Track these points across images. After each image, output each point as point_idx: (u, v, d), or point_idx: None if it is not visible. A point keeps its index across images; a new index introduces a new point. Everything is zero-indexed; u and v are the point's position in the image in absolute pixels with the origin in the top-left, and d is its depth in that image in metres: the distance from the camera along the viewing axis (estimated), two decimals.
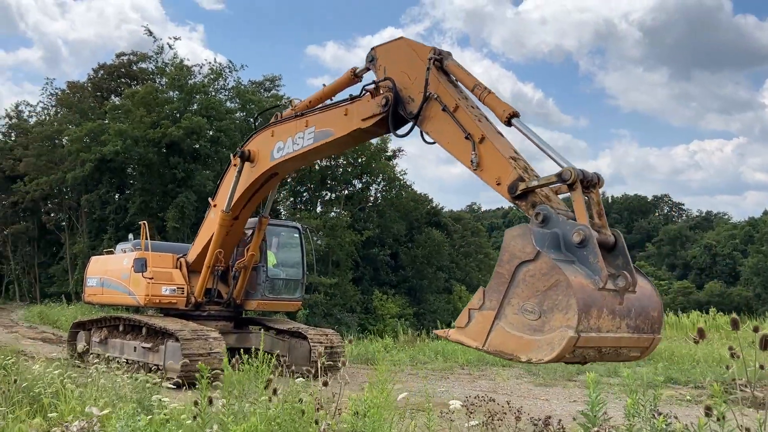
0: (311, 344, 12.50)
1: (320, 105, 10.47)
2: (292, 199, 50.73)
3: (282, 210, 48.56)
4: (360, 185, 52.02)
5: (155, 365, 11.51)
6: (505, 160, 6.67)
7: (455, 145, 7.38)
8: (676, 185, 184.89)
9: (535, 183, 6.21)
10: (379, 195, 52.50)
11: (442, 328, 19.67)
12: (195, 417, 3.89)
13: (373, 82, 8.66)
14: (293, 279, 14.51)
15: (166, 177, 39.13)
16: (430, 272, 50.12)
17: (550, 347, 4.68)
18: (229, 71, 44.08)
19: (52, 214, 46.79)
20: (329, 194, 52.31)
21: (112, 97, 46.59)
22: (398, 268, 49.87)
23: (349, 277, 44.74)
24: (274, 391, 3.99)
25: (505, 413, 4.87)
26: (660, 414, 4.22)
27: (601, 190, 6.10)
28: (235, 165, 12.00)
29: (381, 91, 8.48)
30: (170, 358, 11.34)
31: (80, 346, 13.64)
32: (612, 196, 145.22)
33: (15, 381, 7.63)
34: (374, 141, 50.19)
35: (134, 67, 46.33)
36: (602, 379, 13.01)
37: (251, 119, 43.49)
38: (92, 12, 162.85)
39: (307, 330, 13.22)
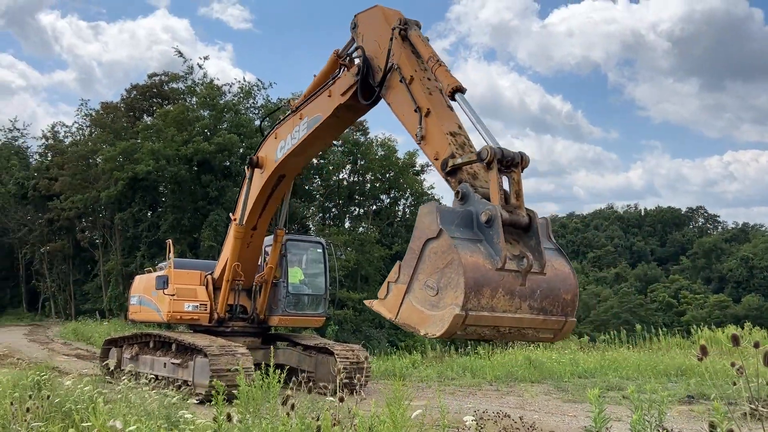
0: (337, 360, 12.53)
1: (311, 95, 10.46)
2: (321, 215, 51.05)
3: (311, 226, 48.90)
4: (388, 200, 52.18)
5: (184, 381, 11.65)
6: (443, 135, 6.64)
7: (406, 117, 7.37)
8: (711, 197, 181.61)
9: (460, 161, 6.21)
10: (407, 210, 52.56)
11: (470, 345, 19.22)
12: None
13: (347, 53, 8.62)
14: (315, 294, 14.58)
15: (197, 194, 39.73)
16: None
17: (441, 323, 4.81)
18: (258, 89, 44.82)
19: (87, 232, 47.74)
20: (357, 209, 52.57)
21: (145, 116, 47.59)
22: None
23: (377, 292, 44.76)
24: (292, 407, 4.04)
25: (518, 429, 4.83)
26: (665, 429, 4.16)
27: (635, 204, 6.01)
28: (246, 175, 12.31)
29: (355, 62, 8.47)
30: (198, 374, 11.47)
31: (112, 362, 13.89)
32: (645, 209, 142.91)
33: (48, 397, 7.79)
34: (401, 155, 50.47)
35: (166, 87, 47.29)
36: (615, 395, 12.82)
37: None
38: (124, 34, 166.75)
39: (333, 346, 13.27)
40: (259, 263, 13.80)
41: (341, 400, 4.05)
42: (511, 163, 5.66)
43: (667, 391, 11.68)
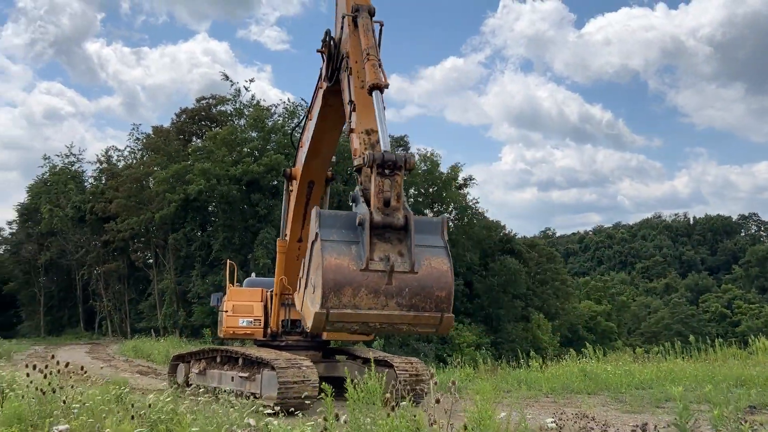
0: (397, 372, 12.84)
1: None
2: None
3: None
4: (431, 214, 52.43)
5: (251, 393, 12.12)
6: (359, 133, 6.83)
7: (345, 108, 7.47)
8: (761, 203, 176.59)
9: (355, 163, 6.50)
10: (451, 224, 52.71)
11: (522, 358, 19.04)
12: (324, 430, 4.34)
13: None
14: None
15: (246, 213, 40.75)
16: (506, 300, 49.67)
17: (309, 319, 5.43)
18: (302, 109, 45.77)
19: (140, 253, 49.26)
20: None
21: (194, 139, 49.07)
22: (473, 296, 49.66)
23: None
24: (393, 408, 4.40)
25: (593, 428, 5.11)
26: (746, 421, 4.38)
27: (683, 212, 6.30)
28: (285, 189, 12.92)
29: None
30: (266, 386, 11.93)
31: (180, 377, 14.51)
32: (694, 217, 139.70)
33: (133, 406, 8.26)
34: (444, 170, 50.76)
35: (213, 110, 48.71)
36: (691, 407, 12.78)
37: None
38: (166, 58, 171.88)
39: (392, 359, 13.57)
40: None
41: (437, 401, 4.40)
42: (393, 167, 5.93)
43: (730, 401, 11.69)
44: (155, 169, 45.09)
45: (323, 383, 6.04)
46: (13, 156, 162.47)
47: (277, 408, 10.34)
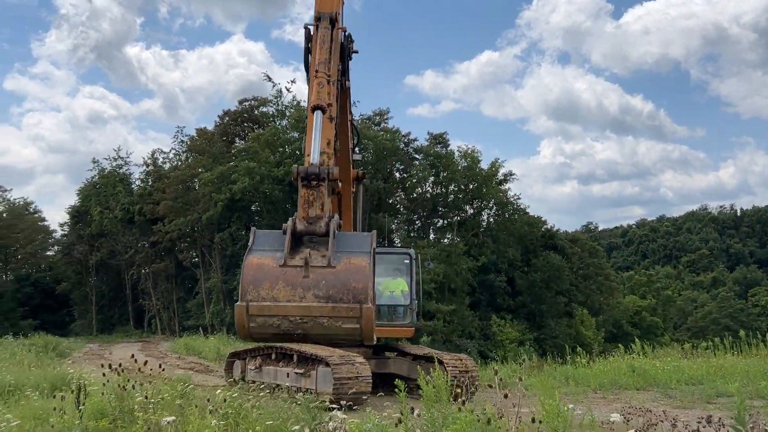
0: (447, 369, 13.08)
1: None
2: (406, 227, 51.83)
3: (396, 239, 49.73)
4: (472, 211, 52.37)
5: (306, 389, 12.52)
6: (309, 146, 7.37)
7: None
8: None
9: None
10: (491, 220, 52.59)
11: (568, 354, 18.93)
12: (397, 423, 4.64)
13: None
14: (400, 305, 15.13)
15: (290, 213, 41.34)
16: (549, 296, 49.45)
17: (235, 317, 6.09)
18: None
19: (187, 252, 50.48)
20: (441, 221, 53.04)
21: (237, 140, 50.06)
22: (515, 293, 49.57)
23: (466, 303, 45.05)
24: (463, 402, 4.69)
25: (661, 420, 5.30)
26: None
27: (730, 204, 6.49)
28: None
29: None
30: (321, 382, 12.32)
31: (236, 373, 15.03)
32: (741, 209, 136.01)
33: (208, 401, 8.69)
34: (484, 166, 50.63)
35: (256, 112, 49.58)
36: (746, 402, 12.73)
37: (366, 155, 45.27)
38: (203, 60, 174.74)
39: (442, 355, 13.83)
40: None
41: (505, 396, 4.67)
42: (317, 179, 6.30)
43: None
44: (200, 170, 46.17)
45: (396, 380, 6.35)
46: (60, 159, 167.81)
47: (334, 404, 10.72)
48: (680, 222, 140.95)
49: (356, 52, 13.85)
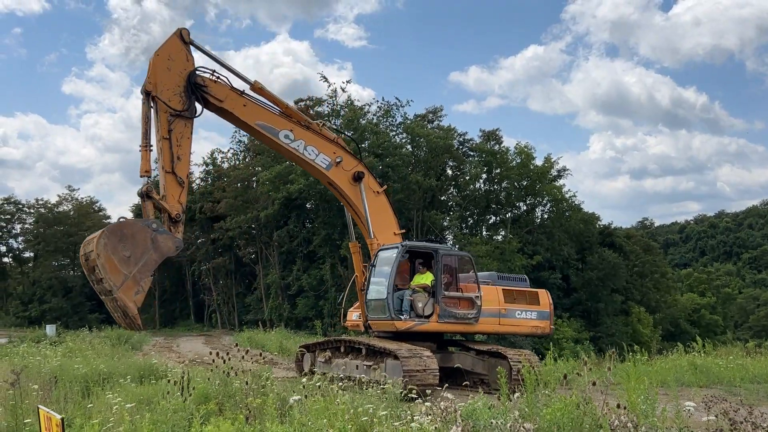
0: (511, 363, 13.50)
1: None
2: (459, 223, 51.92)
3: (449, 236, 49.98)
4: (525, 207, 52.16)
5: (375, 381, 13.12)
6: None
7: None
8: None
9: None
10: (545, 216, 52.26)
11: (627, 352, 18.92)
12: (490, 407, 5.15)
13: None
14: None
15: (343, 211, 42.26)
16: (605, 294, 48.90)
17: None
18: (396, 108, 46.78)
19: (247, 249, 51.90)
20: (493, 218, 53.02)
21: None
22: (570, 291, 49.16)
23: None
24: (568, 382, 5.16)
25: (738, 408, 5.66)
26: None
27: None
28: None
29: None
30: (390, 374, 12.90)
31: (307, 365, 15.80)
32: None
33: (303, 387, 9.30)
34: (539, 162, 50.38)
35: (312, 111, 50.56)
36: None
37: (420, 152, 45.75)
38: (249, 59, 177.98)
39: (506, 350, 14.25)
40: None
41: (594, 384, 5.11)
42: (149, 195, 11.36)
43: None
44: (258, 169, 47.42)
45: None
46: (116, 159, 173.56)
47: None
48: (741, 218, 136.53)
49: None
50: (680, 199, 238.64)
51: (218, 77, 13.28)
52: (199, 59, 13.03)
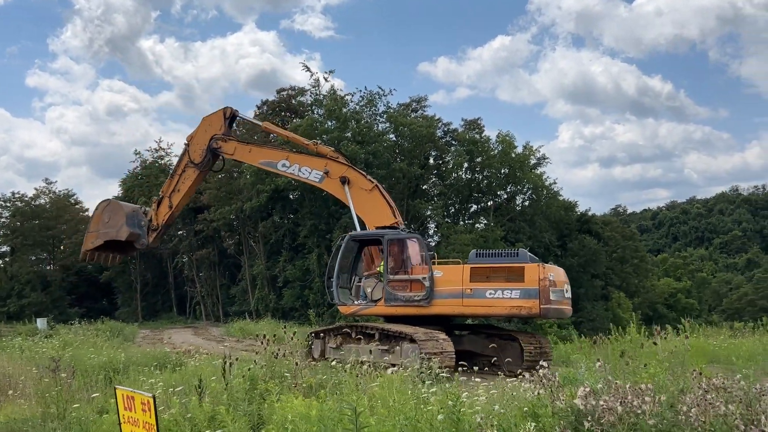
0: (523, 345, 13.88)
1: None
2: (442, 212, 52.19)
3: (431, 224, 50.31)
4: (506, 195, 52.68)
5: (391, 365, 13.36)
6: None
7: None
8: None
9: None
10: (526, 204, 52.83)
11: (613, 333, 19.21)
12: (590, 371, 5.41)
13: None
14: None
15: (329, 200, 42.33)
16: (585, 280, 49.76)
17: None
18: (379, 97, 46.82)
19: (231, 241, 51.69)
20: (475, 206, 53.49)
21: None
22: None
23: None
24: (622, 354, 5.47)
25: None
26: None
27: (762, 185, 7.21)
28: None
29: None
30: (406, 358, 13.16)
31: (316, 352, 15.97)
32: None
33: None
34: (519, 149, 50.91)
35: (294, 102, 50.44)
36: None
37: (403, 142, 45.93)
38: (215, 50, 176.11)
39: (517, 333, 14.62)
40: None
41: (621, 354, 5.40)
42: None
43: None
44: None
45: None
46: (82, 152, 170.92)
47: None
48: (711, 204, 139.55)
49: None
50: (649, 186, 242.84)
51: (228, 139, 18.31)
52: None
